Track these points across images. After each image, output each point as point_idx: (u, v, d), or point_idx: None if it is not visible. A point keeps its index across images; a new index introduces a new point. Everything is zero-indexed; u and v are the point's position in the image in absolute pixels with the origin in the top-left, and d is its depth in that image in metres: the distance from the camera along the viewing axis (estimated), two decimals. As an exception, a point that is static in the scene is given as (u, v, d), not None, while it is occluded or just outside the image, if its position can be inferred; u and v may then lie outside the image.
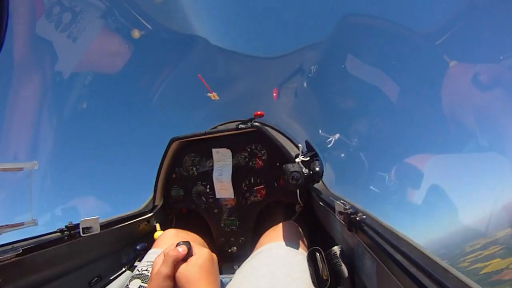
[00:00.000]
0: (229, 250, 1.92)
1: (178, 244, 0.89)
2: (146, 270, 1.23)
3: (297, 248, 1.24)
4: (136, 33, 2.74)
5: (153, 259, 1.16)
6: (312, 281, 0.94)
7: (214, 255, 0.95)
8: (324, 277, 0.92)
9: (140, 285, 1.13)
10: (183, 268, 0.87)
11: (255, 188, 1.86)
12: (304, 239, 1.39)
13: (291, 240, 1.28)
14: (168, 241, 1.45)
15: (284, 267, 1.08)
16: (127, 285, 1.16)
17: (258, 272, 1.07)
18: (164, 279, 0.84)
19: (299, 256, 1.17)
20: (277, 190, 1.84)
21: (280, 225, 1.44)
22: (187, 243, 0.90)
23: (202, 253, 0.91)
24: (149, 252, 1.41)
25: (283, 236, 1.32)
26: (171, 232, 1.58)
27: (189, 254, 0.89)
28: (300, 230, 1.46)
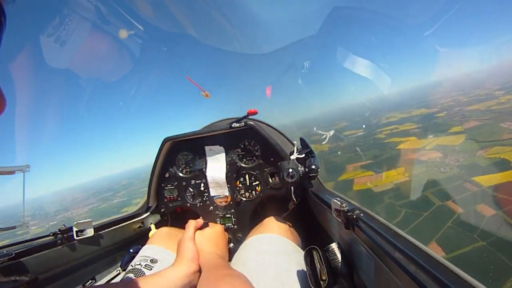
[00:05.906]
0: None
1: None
2: (139, 265, 1.25)
3: (281, 241, 1.32)
4: (123, 33, 2.68)
5: (147, 254, 1.35)
6: (310, 280, 0.94)
7: (226, 233, 1.39)
8: (323, 277, 0.92)
9: (133, 279, 1.14)
10: (198, 234, 1.30)
11: (249, 185, 1.85)
12: (291, 233, 1.44)
13: (275, 234, 1.36)
14: (161, 238, 1.48)
15: (264, 257, 1.18)
16: (122, 280, 1.18)
17: (243, 262, 1.22)
18: (189, 239, 1.21)
19: (281, 248, 1.27)
20: (271, 187, 1.83)
21: (265, 220, 1.54)
22: (205, 221, 1.38)
23: (215, 226, 1.38)
24: (143, 248, 1.44)
25: (267, 230, 1.41)
26: (164, 230, 1.60)
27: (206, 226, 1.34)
28: (288, 224, 1.49)
